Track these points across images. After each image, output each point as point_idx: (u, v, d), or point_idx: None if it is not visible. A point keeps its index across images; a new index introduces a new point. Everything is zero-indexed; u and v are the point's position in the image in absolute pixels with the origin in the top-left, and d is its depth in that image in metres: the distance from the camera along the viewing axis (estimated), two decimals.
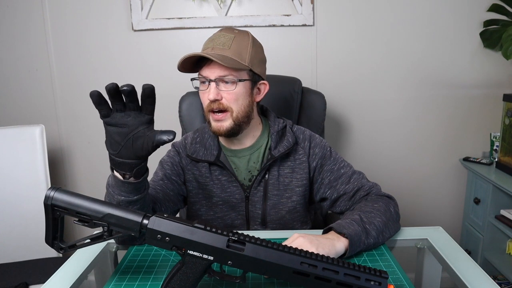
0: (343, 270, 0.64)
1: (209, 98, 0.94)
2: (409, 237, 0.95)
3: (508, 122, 1.66)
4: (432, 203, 1.96)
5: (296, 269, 0.63)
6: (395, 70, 1.81)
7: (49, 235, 0.70)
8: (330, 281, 0.64)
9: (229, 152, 1.05)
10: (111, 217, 0.65)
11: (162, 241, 0.64)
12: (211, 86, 0.95)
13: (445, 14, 1.76)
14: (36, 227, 1.55)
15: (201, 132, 1.07)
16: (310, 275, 0.63)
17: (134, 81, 2.05)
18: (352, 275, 0.64)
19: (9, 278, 1.37)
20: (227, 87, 0.95)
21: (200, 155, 1.03)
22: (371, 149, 1.89)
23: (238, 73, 0.95)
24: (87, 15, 1.76)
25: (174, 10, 1.75)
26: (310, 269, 0.63)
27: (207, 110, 0.97)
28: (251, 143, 1.04)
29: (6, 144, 1.54)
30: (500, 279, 1.67)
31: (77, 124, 1.87)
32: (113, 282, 0.78)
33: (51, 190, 0.65)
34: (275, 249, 0.64)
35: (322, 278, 0.64)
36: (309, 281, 0.64)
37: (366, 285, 0.64)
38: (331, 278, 0.64)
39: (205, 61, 0.95)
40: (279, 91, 1.37)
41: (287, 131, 1.06)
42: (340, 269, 0.64)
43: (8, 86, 1.84)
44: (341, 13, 1.76)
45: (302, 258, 0.64)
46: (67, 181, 1.93)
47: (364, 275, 0.64)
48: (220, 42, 0.95)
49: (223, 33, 0.98)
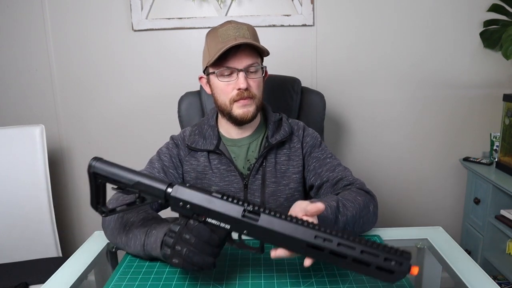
0: (360, 247, 0.60)
1: (241, 87, 0.97)
2: (409, 237, 0.95)
3: (508, 122, 1.66)
4: (432, 203, 1.96)
5: (310, 242, 0.62)
6: (395, 70, 1.81)
7: (93, 200, 0.76)
8: (346, 257, 0.61)
9: (229, 141, 1.08)
10: (141, 185, 0.71)
11: (184, 209, 0.69)
12: (240, 76, 0.97)
13: (445, 14, 1.76)
14: (36, 227, 1.55)
15: (199, 125, 1.10)
16: (325, 249, 0.62)
17: (134, 81, 2.06)
18: (369, 253, 0.60)
19: (9, 278, 1.37)
20: (254, 75, 1.00)
21: (199, 144, 1.06)
22: (371, 149, 1.89)
23: (258, 61, 1.01)
24: (87, 15, 1.76)
25: (174, 10, 1.75)
26: (325, 243, 0.62)
27: (234, 100, 1.00)
28: (251, 132, 1.08)
29: (6, 144, 1.54)
30: (500, 279, 1.67)
31: (77, 124, 1.87)
32: (113, 282, 0.78)
33: (93, 160, 0.74)
34: (289, 221, 0.64)
35: (337, 254, 0.61)
36: (323, 255, 0.62)
37: (385, 265, 0.59)
38: (347, 255, 0.61)
39: (229, 52, 0.96)
40: (278, 90, 1.37)
41: (283, 121, 1.10)
42: (357, 246, 0.61)
43: (8, 86, 1.84)
44: (341, 13, 1.76)
45: (317, 232, 0.62)
46: (67, 181, 1.93)
47: (383, 253, 0.60)
48: (240, 34, 0.98)
49: (236, 25, 1.00)
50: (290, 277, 0.77)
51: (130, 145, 1.88)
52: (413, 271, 0.60)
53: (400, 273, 0.60)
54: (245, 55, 0.97)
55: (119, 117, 1.86)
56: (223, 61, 0.97)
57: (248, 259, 0.85)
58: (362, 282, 0.75)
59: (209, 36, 1.03)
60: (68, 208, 1.95)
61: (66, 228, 1.97)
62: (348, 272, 0.78)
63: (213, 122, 1.09)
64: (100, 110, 1.85)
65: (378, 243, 0.61)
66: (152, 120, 1.86)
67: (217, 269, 0.81)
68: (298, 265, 0.82)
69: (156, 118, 1.85)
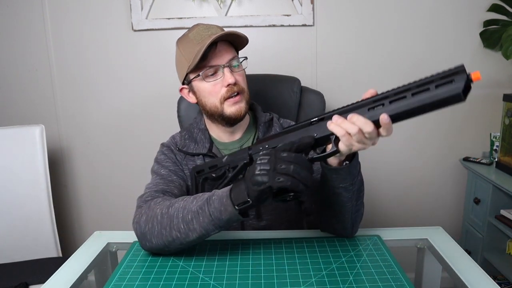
0: (409, 92, 0.63)
1: (230, 82, 0.95)
2: (409, 237, 0.96)
3: (508, 122, 1.66)
4: (432, 203, 1.96)
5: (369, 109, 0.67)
6: (395, 70, 1.81)
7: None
8: (404, 102, 0.64)
9: (220, 145, 1.06)
10: (229, 159, 0.85)
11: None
12: (225, 72, 0.95)
13: (445, 14, 1.76)
14: (36, 227, 1.55)
15: (188, 130, 1.09)
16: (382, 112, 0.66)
17: (134, 81, 2.05)
18: (420, 91, 0.63)
19: (9, 278, 1.37)
20: (237, 69, 0.98)
21: (191, 148, 1.04)
22: (371, 149, 1.87)
23: (237, 55, 0.99)
24: (87, 15, 1.76)
25: (174, 10, 1.75)
26: (380, 109, 0.66)
27: (224, 99, 0.97)
28: (241, 134, 1.06)
29: (6, 144, 1.54)
30: (500, 279, 1.67)
31: (77, 124, 1.87)
32: (113, 282, 0.78)
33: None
34: (343, 109, 0.71)
35: (396, 112, 0.65)
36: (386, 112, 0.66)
37: (441, 91, 0.62)
38: (403, 108, 0.64)
39: (207, 51, 0.93)
40: (277, 90, 1.37)
41: (274, 122, 1.08)
42: (407, 93, 0.64)
43: (8, 86, 1.84)
44: (341, 13, 1.76)
45: (369, 104, 0.68)
46: (67, 181, 1.93)
47: (432, 84, 0.61)
48: (212, 31, 0.96)
49: (204, 26, 0.98)
50: (290, 277, 0.77)
51: (130, 145, 1.88)
52: (476, 76, 0.61)
53: (460, 82, 0.62)
54: (224, 50, 0.96)
55: (119, 117, 1.86)
56: (204, 63, 0.95)
57: (248, 259, 0.85)
58: (362, 282, 0.75)
59: (181, 43, 1.00)
60: (68, 208, 1.95)
61: (66, 228, 1.97)
62: (348, 272, 0.78)
63: (203, 126, 1.06)
64: (100, 110, 1.85)
65: (424, 78, 0.63)
66: (152, 120, 1.86)
67: (217, 269, 0.81)
68: (298, 265, 0.82)
69: (156, 118, 1.85)
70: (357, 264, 0.82)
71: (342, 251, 0.87)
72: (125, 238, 0.97)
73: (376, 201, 1.95)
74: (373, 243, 0.91)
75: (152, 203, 0.86)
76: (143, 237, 0.83)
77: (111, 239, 0.97)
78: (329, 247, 0.89)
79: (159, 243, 0.82)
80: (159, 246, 0.83)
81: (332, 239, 0.93)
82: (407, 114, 0.64)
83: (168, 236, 0.80)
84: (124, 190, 1.90)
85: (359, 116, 0.68)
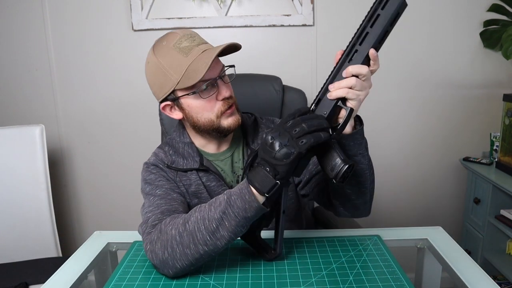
0: (368, 26, 0.73)
1: (226, 96, 0.90)
2: (409, 237, 0.96)
3: (508, 122, 1.66)
4: (432, 203, 1.96)
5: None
6: (395, 70, 1.81)
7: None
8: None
9: (210, 157, 0.99)
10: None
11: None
12: (220, 85, 0.90)
13: (445, 14, 1.76)
14: (36, 227, 1.55)
15: (171, 144, 1.00)
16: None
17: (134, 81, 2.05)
18: (375, 20, 0.73)
19: (9, 278, 1.37)
20: (228, 79, 0.93)
21: (181, 164, 0.96)
22: (371, 149, 1.87)
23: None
24: (87, 15, 1.76)
25: (174, 10, 1.75)
26: (357, 54, 0.73)
27: (221, 113, 0.91)
28: (229, 143, 1.01)
29: (6, 144, 1.54)
30: (500, 279, 1.67)
31: (77, 124, 1.87)
32: (113, 282, 0.78)
33: None
34: (332, 76, 0.75)
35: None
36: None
37: (389, 9, 0.71)
38: (373, 39, 0.72)
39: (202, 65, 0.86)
40: (259, 89, 1.37)
41: (258, 122, 1.05)
42: (367, 29, 0.73)
43: (8, 86, 1.84)
44: (341, 13, 1.76)
45: (347, 58, 0.74)
46: (67, 181, 1.93)
47: (378, 9, 0.72)
48: (196, 41, 0.88)
49: (181, 36, 0.89)
50: (290, 277, 0.77)
51: (130, 145, 1.88)
52: None
53: None
54: (215, 61, 0.88)
55: (119, 117, 1.86)
56: (194, 77, 0.86)
57: (248, 259, 0.85)
58: (362, 282, 0.75)
59: (160, 54, 0.89)
60: (68, 208, 1.95)
61: (66, 228, 1.97)
62: (348, 272, 0.78)
63: (188, 139, 0.98)
64: (100, 110, 1.85)
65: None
66: (152, 120, 1.85)
67: (217, 269, 0.81)
68: (298, 265, 0.82)
69: (156, 118, 1.85)
70: (357, 264, 0.82)
71: (342, 251, 0.87)
72: (125, 238, 0.97)
73: (376, 201, 1.94)
74: (373, 243, 0.91)
75: (162, 226, 0.78)
76: (164, 265, 0.76)
77: (111, 239, 0.97)
78: (329, 247, 0.89)
79: (184, 265, 0.75)
80: (185, 268, 0.76)
81: (332, 239, 0.93)
82: (379, 41, 0.73)
83: (195, 253, 0.74)
84: (124, 190, 1.90)
85: (352, 66, 0.72)
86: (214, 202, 0.76)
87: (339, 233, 0.97)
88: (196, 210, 0.77)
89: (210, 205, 0.75)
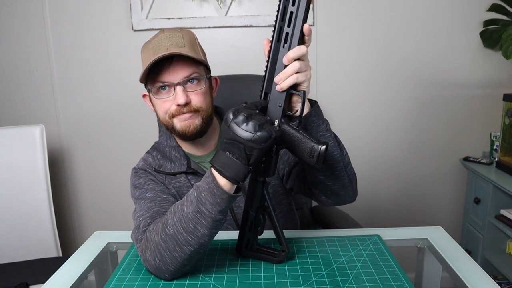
0: (287, 11, 0.71)
1: (179, 102, 0.88)
2: (409, 237, 0.95)
3: (508, 122, 1.66)
4: (432, 203, 1.96)
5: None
6: (395, 70, 1.81)
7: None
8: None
9: (197, 159, 0.99)
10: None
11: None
12: (177, 91, 0.88)
13: (445, 14, 1.76)
14: (36, 227, 1.55)
15: (158, 149, 1.02)
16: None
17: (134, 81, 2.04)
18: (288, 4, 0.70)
19: (9, 278, 1.37)
20: (195, 87, 0.90)
21: (169, 168, 0.97)
22: (371, 149, 1.89)
23: (199, 70, 0.91)
24: (87, 15, 1.76)
25: (174, 10, 1.75)
26: (289, 36, 0.72)
27: (171, 117, 0.91)
28: (214, 145, 1.01)
29: (6, 144, 1.54)
30: (500, 279, 1.67)
31: (77, 124, 1.87)
32: (113, 282, 0.78)
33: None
34: (271, 69, 0.74)
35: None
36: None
37: None
38: (296, 21, 0.70)
39: (162, 66, 0.88)
40: (260, 90, 1.36)
41: None
42: (287, 12, 0.71)
43: (8, 86, 1.83)
44: (341, 13, 1.76)
45: (279, 43, 0.73)
46: (67, 181, 1.92)
47: None
48: (173, 43, 0.89)
49: (168, 33, 0.91)
50: (290, 277, 0.77)
51: (130, 145, 1.88)
52: None
53: None
54: (179, 66, 0.87)
55: (119, 117, 1.86)
56: (156, 76, 0.89)
57: (248, 259, 0.85)
58: (362, 282, 0.75)
59: (143, 50, 0.94)
60: (68, 208, 1.95)
61: (66, 228, 1.97)
62: (348, 272, 0.78)
63: (175, 143, 0.99)
64: (100, 110, 1.85)
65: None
66: (153, 120, 1.85)
67: (217, 269, 0.81)
68: (298, 265, 0.82)
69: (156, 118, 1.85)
70: (357, 264, 0.82)
71: (342, 251, 0.87)
72: (125, 238, 0.97)
73: (376, 201, 1.95)
74: (373, 243, 0.91)
75: (147, 234, 0.79)
76: (159, 271, 0.77)
77: (111, 239, 0.97)
78: (329, 247, 0.89)
79: (177, 267, 0.76)
80: (178, 269, 0.76)
81: (332, 239, 0.93)
82: (303, 20, 0.71)
83: (183, 255, 0.74)
84: (124, 190, 1.89)
85: (292, 51, 0.71)
86: (186, 200, 0.75)
87: (339, 233, 0.97)
88: (171, 211, 0.77)
89: (183, 204, 0.75)
